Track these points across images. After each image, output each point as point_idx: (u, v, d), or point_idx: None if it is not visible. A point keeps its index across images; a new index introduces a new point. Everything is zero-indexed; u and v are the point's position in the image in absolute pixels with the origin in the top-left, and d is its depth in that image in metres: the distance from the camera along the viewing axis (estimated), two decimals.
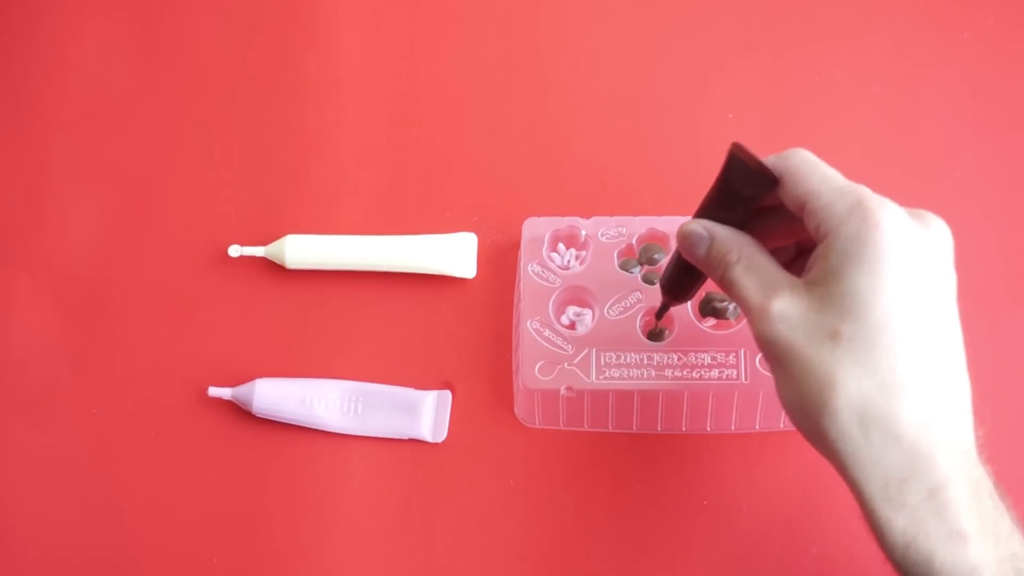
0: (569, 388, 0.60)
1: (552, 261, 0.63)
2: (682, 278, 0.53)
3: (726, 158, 0.47)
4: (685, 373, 0.59)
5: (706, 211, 0.50)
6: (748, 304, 0.46)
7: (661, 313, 0.58)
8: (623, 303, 0.61)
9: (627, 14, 0.70)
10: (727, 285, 0.48)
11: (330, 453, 0.63)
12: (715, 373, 0.59)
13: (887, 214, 0.44)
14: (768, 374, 0.58)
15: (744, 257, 0.48)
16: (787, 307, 0.45)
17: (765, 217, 0.49)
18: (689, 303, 0.60)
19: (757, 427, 0.60)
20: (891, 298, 0.43)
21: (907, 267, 0.44)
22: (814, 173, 0.46)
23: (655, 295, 0.61)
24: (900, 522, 0.43)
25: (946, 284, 0.45)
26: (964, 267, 0.65)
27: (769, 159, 0.47)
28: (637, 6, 0.70)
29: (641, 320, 0.61)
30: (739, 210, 0.49)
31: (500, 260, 0.65)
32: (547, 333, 0.61)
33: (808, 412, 0.44)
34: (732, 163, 0.47)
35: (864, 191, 0.45)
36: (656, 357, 0.60)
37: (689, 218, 0.50)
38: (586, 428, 0.62)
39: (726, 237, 0.48)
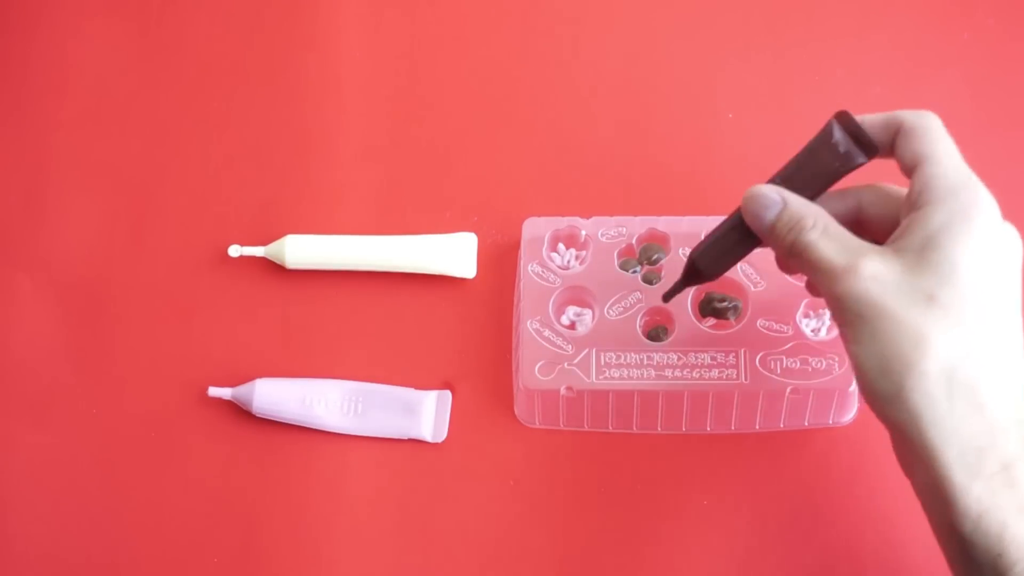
0: (569, 388, 0.60)
1: (552, 261, 0.63)
2: (725, 251, 0.52)
3: (826, 124, 0.48)
4: (685, 373, 0.59)
5: (780, 179, 0.49)
6: (829, 265, 0.46)
7: (672, 295, 0.56)
8: (623, 303, 0.61)
9: (627, 14, 0.70)
10: (799, 250, 0.47)
11: (330, 453, 0.63)
12: (715, 373, 0.59)
13: (990, 202, 0.46)
14: (768, 374, 0.58)
15: (820, 225, 0.47)
16: (879, 267, 0.45)
17: (824, 203, 0.50)
18: (689, 304, 0.60)
19: (757, 427, 0.60)
20: (986, 276, 0.44)
21: (998, 254, 0.45)
22: (942, 140, 0.47)
23: (655, 295, 0.61)
24: (975, 491, 0.43)
25: (1018, 284, 0.46)
26: None
27: (903, 112, 0.48)
28: (637, 6, 0.70)
29: (641, 320, 0.61)
30: (820, 182, 0.49)
31: (500, 260, 0.65)
32: (547, 333, 0.61)
33: (892, 372, 0.44)
34: (831, 129, 0.48)
35: (974, 176, 0.47)
36: (656, 357, 0.60)
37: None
38: (586, 428, 0.62)
39: (801, 204, 0.48)
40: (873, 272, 0.45)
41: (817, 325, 0.60)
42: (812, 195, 0.49)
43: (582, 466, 0.61)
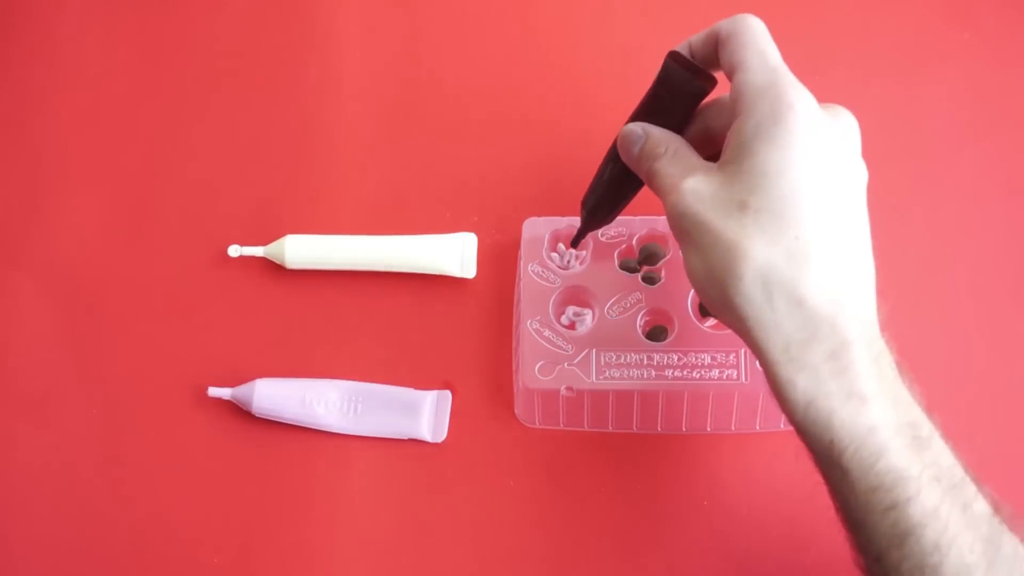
0: (569, 388, 0.60)
1: (552, 261, 0.63)
2: (607, 194, 0.55)
3: (662, 66, 0.51)
4: (685, 373, 0.59)
5: (641, 115, 0.53)
6: (664, 186, 0.49)
7: (578, 239, 0.59)
8: (623, 303, 0.61)
9: (626, 13, 0.70)
10: (652, 176, 0.50)
11: (330, 453, 0.63)
12: (715, 373, 0.59)
13: (800, 98, 0.46)
14: None
15: (671, 151, 0.50)
16: (699, 184, 0.47)
17: (690, 130, 0.52)
18: (689, 303, 0.60)
19: (757, 427, 0.60)
20: (799, 175, 0.45)
21: (816, 149, 0.46)
22: (751, 44, 0.48)
23: (655, 295, 0.61)
24: (801, 382, 0.45)
25: (854, 172, 0.47)
26: (964, 266, 0.65)
27: (720, 22, 0.49)
28: (636, 5, 0.70)
29: (641, 320, 0.61)
30: (673, 117, 0.52)
31: (500, 260, 0.65)
32: (547, 333, 0.61)
33: (716, 281, 0.46)
34: (667, 70, 0.51)
35: (783, 73, 0.47)
36: (656, 357, 0.60)
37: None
38: (586, 428, 0.62)
39: (659, 134, 0.51)
40: (692, 187, 0.47)
41: None
42: (674, 128, 0.52)
43: (582, 466, 0.61)
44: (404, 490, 0.62)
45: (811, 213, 0.45)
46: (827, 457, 0.45)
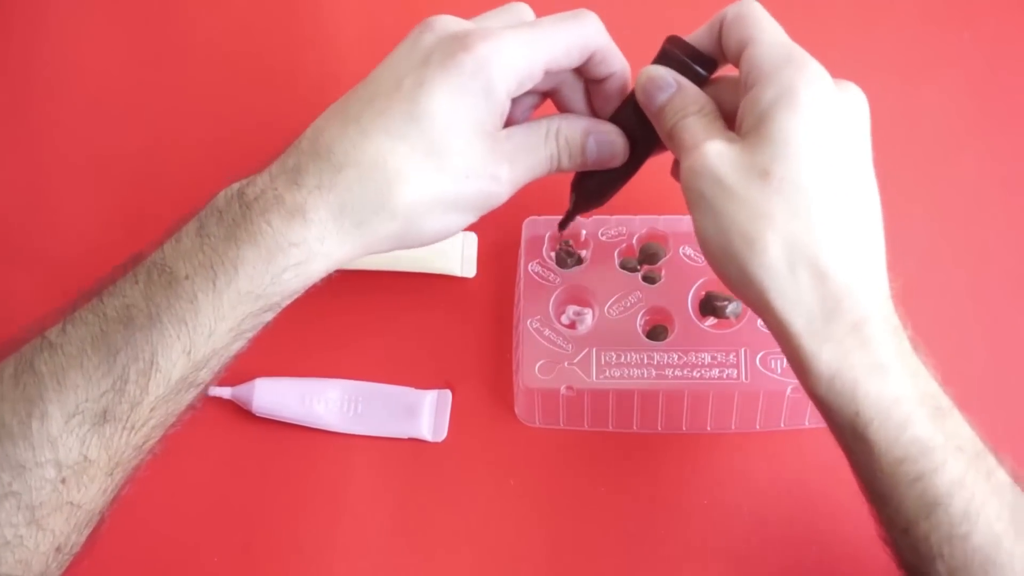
0: (569, 388, 0.59)
1: (552, 260, 0.63)
2: (604, 176, 0.54)
3: (660, 51, 0.51)
4: (685, 373, 0.59)
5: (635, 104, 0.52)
6: (687, 144, 0.48)
7: (566, 222, 0.57)
8: (623, 303, 0.61)
9: (626, 12, 0.70)
10: (677, 131, 0.49)
11: (330, 453, 0.62)
12: (715, 373, 0.59)
13: (819, 70, 0.47)
14: (769, 373, 0.58)
15: (706, 110, 0.49)
16: (722, 147, 0.46)
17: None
18: (690, 303, 0.60)
19: (757, 427, 0.60)
20: (820, 146, 0.45)
21: (833, 121, 0.46)
22: (761, 22, 0.49)
23: (655, 295, 0.61)
24: (826, 354, 0.45)
25: (864, 145, 0.47)
26: (964, 267, 0.65)
27: (725, 9, 0.50)
28: (636, 5, 0.70)
29: (641, 319, 0.61)
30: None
31: (500, 260, 0.65)
32: (547, 333, 0.61)
33: (735, 251, 0.45)
34: (665, 54, 0.51)
35: (797, 47, 0.48)
36: (656, 356, 0.59)
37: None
38: (586, 428, 0.62)
39: (693, 90, 0.50)
40: (716, 150, 0.46)
41: None
42: None
43: (582, 466, 0.61)
44: (404, 490, 0.62)
45: (832, 186, 0.45)
46: (852, 430, 0.45)
